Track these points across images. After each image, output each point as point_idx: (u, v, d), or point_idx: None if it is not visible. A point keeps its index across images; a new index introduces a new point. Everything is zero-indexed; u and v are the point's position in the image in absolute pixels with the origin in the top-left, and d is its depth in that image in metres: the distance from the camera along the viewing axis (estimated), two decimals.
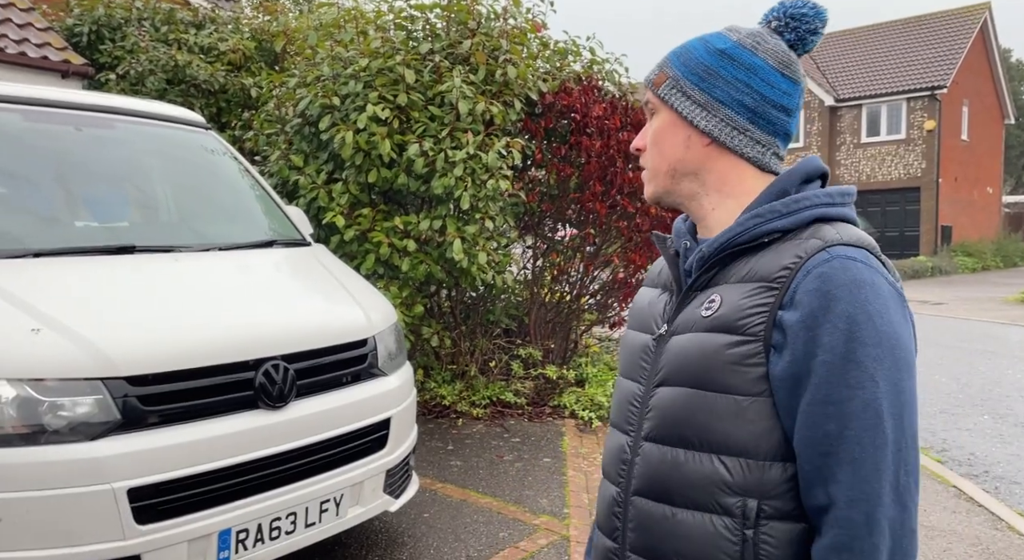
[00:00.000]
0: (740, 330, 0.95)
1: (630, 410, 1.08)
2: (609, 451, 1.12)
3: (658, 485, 1.01)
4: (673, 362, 1.03)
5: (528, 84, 5.24)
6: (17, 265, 2.52)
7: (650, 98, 1.11)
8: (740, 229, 1.01)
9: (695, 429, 0.98)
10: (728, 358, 0.95)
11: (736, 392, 0.95)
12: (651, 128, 1.11)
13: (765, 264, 0.98)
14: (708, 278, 1.05)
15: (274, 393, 2.55)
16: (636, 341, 1.14)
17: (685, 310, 1.06)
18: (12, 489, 2.10)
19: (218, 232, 3.35)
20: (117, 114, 3.44)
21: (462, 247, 4.61)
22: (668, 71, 1.09)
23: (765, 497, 0.94)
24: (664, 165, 1.09)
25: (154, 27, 7.84)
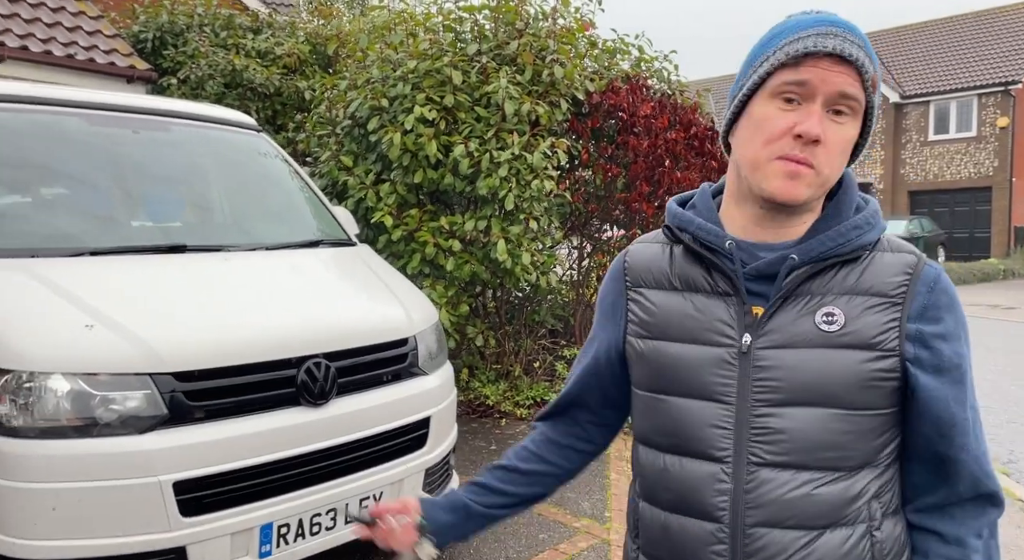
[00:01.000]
0: (877, 346, 0.96)
1: (719, 434, 0.98)
2: (684, 482, 1.01)
3: (791, 512, 0.96)
4: (793, 380, 0.96)
5: (575, 84, 5.21)
6: (75, 263, 2.62)
7: (856, 95, 0.94)
8: (842, 240, 1.00)
9: (838, 450, 0.96)
10: (869, 375, 0.95)
11: (872, 408, 0.97)
12: (843, 133, 0.96)
13: (876, 278, 0.99)
14: (794, 286, 0.99)
15: (315, 391, 2.60)
16: (692, 355, 1.01)
17: (778, 319, 0.98)
18: (66, 479, 2.18)
19: (266, 232, 3.43)
20: (173, 117, 3.56)
21: (506, 247, 4.61)
22: (878, 75, 0.96)
23: (880, 497, 1.00)
24: (834, 178, 0.98)
25: (214, 32, 8.10)
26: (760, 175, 0.98)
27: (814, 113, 0.94)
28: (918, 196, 24.02)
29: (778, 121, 0.95)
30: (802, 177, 0.95)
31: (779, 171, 0.95)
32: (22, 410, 2.20)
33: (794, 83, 0.94)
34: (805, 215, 1.02)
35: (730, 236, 1.04)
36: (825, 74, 0.93)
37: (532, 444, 1.25)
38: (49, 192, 3.03)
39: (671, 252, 1.09)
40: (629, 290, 1.12)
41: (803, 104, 0.95)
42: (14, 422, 2.19)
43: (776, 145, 0.95)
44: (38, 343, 2.25)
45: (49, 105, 3.17)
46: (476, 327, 5.11)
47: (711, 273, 1.04)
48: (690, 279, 1.06)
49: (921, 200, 23.97)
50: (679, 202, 1.12)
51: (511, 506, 1.23)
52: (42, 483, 2.16)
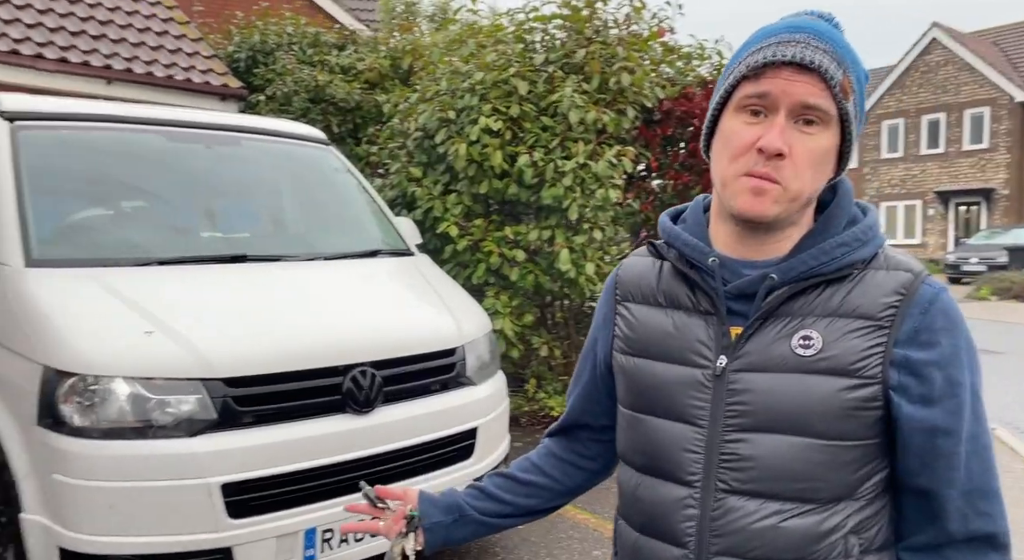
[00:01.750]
0: (856, 373, 0.89)
1: (689, 458, 0.94)
2: (654, 504, 0.98)
3: (756, 542, 0.91)
4: (764, 405, 0.91)
5: (644, 91, 5.11)
6: (141, 272, 2.78)
7: (824, 106, 0.88)
8: (825, 258, 0.93)
9: (810, 481, 0.90)
10: (846, 404, 0.89)
11: (851, 438, 0.90)
12: (812, 144, 0.89)
13: (861, 299, 0.91)
14: (774, 306, 0.93)
15: (361, 398, 2.64)
16: (670, 374, 0.98)
17: (755, 342, 0.93)
18: (123, 478, 2.30)
19: (326, 242, 3.52)
20: (244, 132, 3.72)
21: (570, 257, 4.56)
22: (852, 81, 0.89)
23: (860, 533, 0.92)
24: (809, 192, 0.91)
25: (302, 50, 8.46)
26: (728, 192, 0.93)
27: (775, 126, 0.89)
28: None
29: (743, 135, 0.91)
30: (767, 193, 0.90)
31: (744, 187, 0.91)
32: (87, 411, 2.34)
33: (755, 96, 0.90)
34: (788, 230, 0.95)
35: (715, 252, 0.98)
36: (785, 85, 0.88)
37: (535, 456, 1.25)
38: (127, 205, 3.23)
39: (660, 267, 1.05)
40: (618, 303, 1.09)
41: (768, 116, 0.90)
42: (78, 422, 2.33)
43: (741, 161, 0.91)
44: (101, 348, 2.39)
45: (132, 123, 3.38)
46: (541, 337, 5.07)
47: (694, 291, 1.00)
48: (674, 296, 1.02)
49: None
50: (672, 215, 1.08)
51: (506, 516, 1.21)
52: (102, 481, 2.29)
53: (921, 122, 24.90)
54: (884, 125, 25.88)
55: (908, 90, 25.23)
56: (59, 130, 3.17)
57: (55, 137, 3.14)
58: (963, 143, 23.87)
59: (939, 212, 24.55)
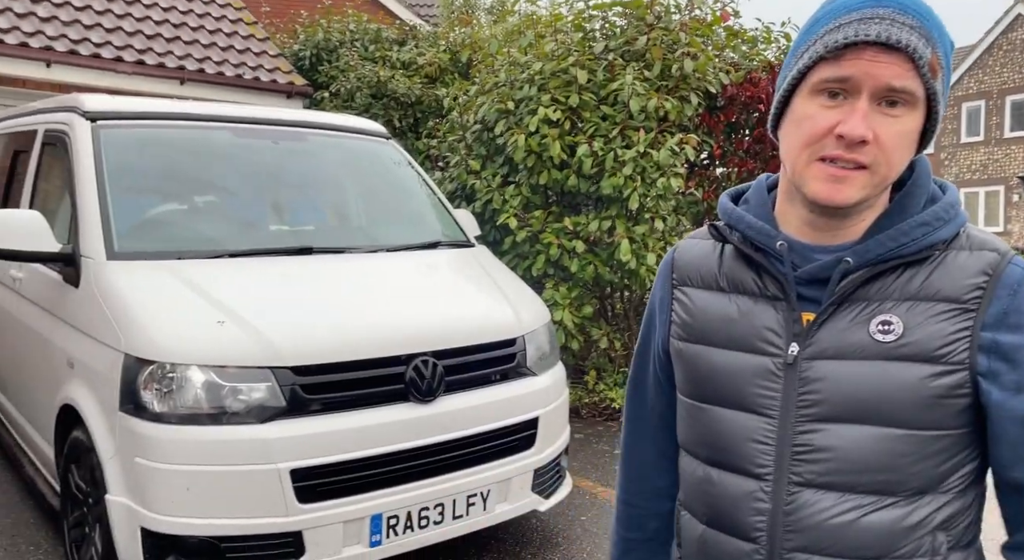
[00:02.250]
0: (941, 359, 0.85)
1: (759, 449, 0.91)
2: (721, 497, 0.94)
3: (833, 538, 0.87)
4: (843, 394, 0.87)
5: (707, 77, 4.99)
6: (214, 264, 2.88)
7: (912, 87, 0.82)
8: (904, 239, 0.88)
9: (892, 473, 0.86)
10: (933, 392, 0.84)
11: (937, 427, 0.85)
12: (899, 126, 0.84)
13: (944, 281, 0.86)
14: (849, 291, 0.88)
15: (423, 387, 2.67)
16: (735, 363, 0.94)
17: (829, 328, 0.89)
18: (200, 462, 2.40)
19: (388, 234, 3.58)
20: (309, 128, 3.81)
21: (630, 248, 4.51)
22: (940, 58, 0.83)
23: (948, 529, 0.88)
24: (891, 177, 0.86)
25: (363, 47, 8.60)
26: (800, 178, 0.88)
27: (858, 111, 0.83)
28: None
29: (819, 120, 0.85)
30: (848, 180, 0.85)
31: (820, 174, 0.86)
32: (165, 398, 2.44)
33: (835, 80, 0.84)
34: (864, 213, 0.91)
35: (783, 235, 0.94)
36: (869, 67, 0.81)
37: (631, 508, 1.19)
38: (200, 200, 3.35)
39: (722, 250, 1.01)
40: (675, 288, 1.05)
41: (848, 99, 0.84)
42: (158, 408, 2.43)
43: (817, 146, 0.86)
44: (178, 337, 2.49)
45: (203, 120, 3.51)
46: (601, 329, 5.04)
47: (760, 275, 0.95)
48: (738, 280, 0.97)
49: None
50: (732, 196, 1.03)
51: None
52: (180, 465, 2.39)
53: (1005, 103, 23.58)
54: (964, 108, 24.62)
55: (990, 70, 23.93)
56: (136, 128, 3.31)
57: (133, 135, 3.29)
58: None
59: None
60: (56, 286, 3.02)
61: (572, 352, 5.07)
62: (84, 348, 2.74)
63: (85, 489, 2.73)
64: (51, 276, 3.08)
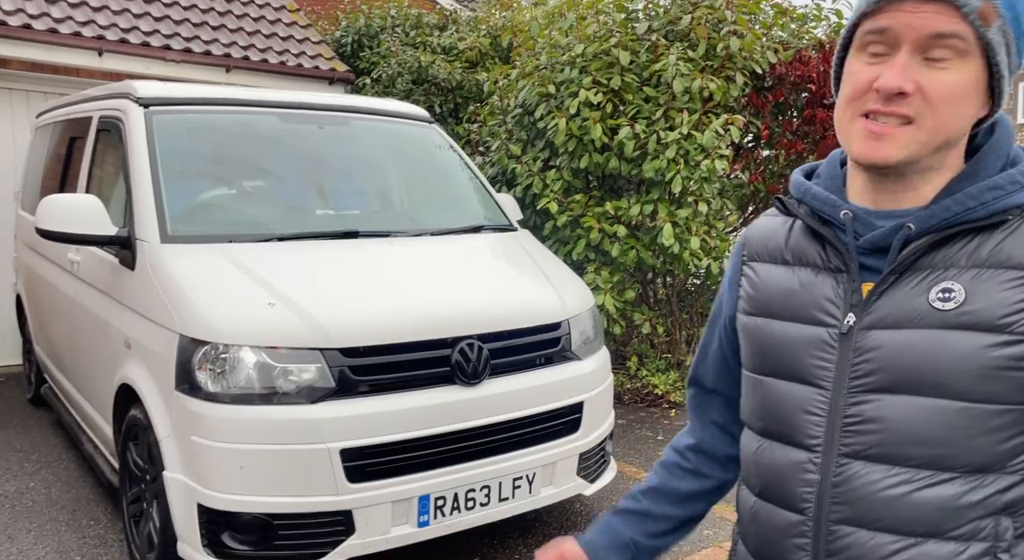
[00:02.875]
0: (1006, 328, 0.80)
1: (811, 420, 0.90)
2: (772, 468, 0.94)
3: (882, 513, 0.85)
4: (897, 364, 0.84)
5: (754, 56, 4.88)
6: (264, 248, 2.93)
7: (963, 33, 0.80)
8: (973, 203, 0.84)
9: (945, 447, 0.82)
10: (994, 362, 0.80)
11: (998, 401, 0.81)
12: (943, 76, 0.81)
13: (1016, 248, 0.82)
14: (911, 259, 0.86)
15: (468, 370, 2.69)
16: (793, 334, 0.93)
17: (889, 298, 0.86)
18: (253, 442, 2.45)
19: (432, 218, 3.60)
20: (353, 112, 3.83)
21: (673, 232, 4.45)
22: (998, 6, 0.80)
23: (1015, 515, 0.82)
24: (947, 132, 0.83)
25: (404, 32, 8.62)
26: (844, 136, 0.87)
27: (896, 64, 0.81)
28: None
29: (861, 76, 0.84)
30: (890, 136, 0.83)
31: (860, 131, 0.85)
32: (219, 378, 2.50)
33: (875, 32, 0.83)
34: (929, 175, 0.87)
35: (848, 205, 0.91)
36: (909, 18, 0.80)
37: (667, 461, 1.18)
38: (249, 184, 3.41)
39: (791, 226, 1.00)
40: (744, 264, 1.04)
41: (890, 54, 0.83)
42: (212, 388, 2.49)
43: (858, 102, 0.85)
44: (231, 318, 2.54)
45: (250, 106, 3.56)
46: (643, 314, 5.00)
47: (825, 248, 0.94)
48: (803, 253, 0.96)
49: None
50: (805, 172, 1.02)
51: (676, 530, 1.16)
52: (233, 443, 2.45)
53: None
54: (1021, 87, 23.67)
55: None
56: (187, 114, 3.38)
57: (183, 121, 3.35)
58: None
59: None
60: (113, 269, 3.11)
61: (614, 337, 5.04)
62: (140, 329, 2.81)
63: (143, 466, 2.82)
64: (108, 259, 3.17)
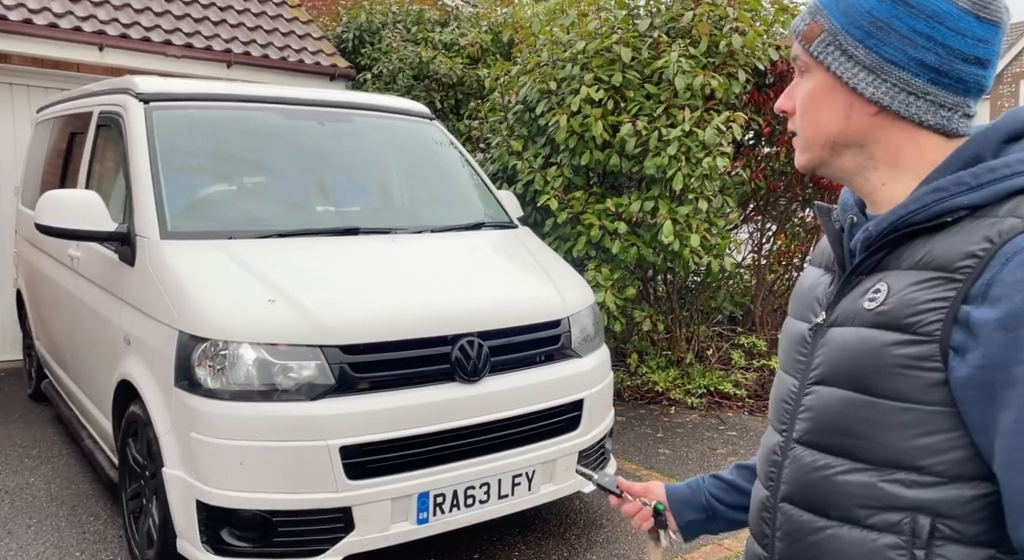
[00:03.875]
0: (909, 328, 0.81)
1: (784, 408, 0.98)
2: (762, 450, 1.05)
3: (810, 493, 0.92)
4: (832, 358, 0.90)
5: (756, 53, 4.87)
6: (264, 244, 2.92)
7: (799, 54, 0.95)
8: (916, 206, 0.85)
9: (856, 439, 0.86)
10: (894, 360, 0.82)
11: (905, 399, 0.82)
12: (801, 90, 0.95)
13: (944, 249, 0.82)
14: (875, 261, 0.90)
15: (468, 368, 2.68)
16: (794, 330, 1.02)
17: (847, 297, 0.92)
18: (252, 438, 2.45)
19: (433, 215, 3.59)
20: (354, 109, 3.82)
21: (673, 229, 4.44)
22: (823, 22, 0.91)
23: (941, 516, 0.81)
24: (819, 137, 0.93)
25: (406, 28, 8.60)
26: None
27: (789, 88, 0.99)
28: None
29: None
30: (797, 149, 0.98)
31: None
32: (218, 374, 2.50)
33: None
34: (870, 177, 0.94)
35: (857, 211, 0.98)
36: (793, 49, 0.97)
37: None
38: (249, 180, 3.40)
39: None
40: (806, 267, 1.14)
41: None
42: (211, 384, 2.49)
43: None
44: (231, 315, 2.54)
45: (251, 102, 3.55)
46: (644, 311, 4.99)
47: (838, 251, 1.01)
48: (828, 256, 1.04)
49: None
50: None
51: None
52: (233, 440, 2.44)
53: None
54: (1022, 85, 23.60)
55: None
56: (187, 110, 3.37)
57: (184, 116, 3.34)
58: None
59: None
60: (112, 265, 3.11)
61: (614, 334, 5.04)
62: (140, 325, 2.81)
63: (142, 462, 2.82)
64: (107, 255, 3.17)
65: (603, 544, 3.20)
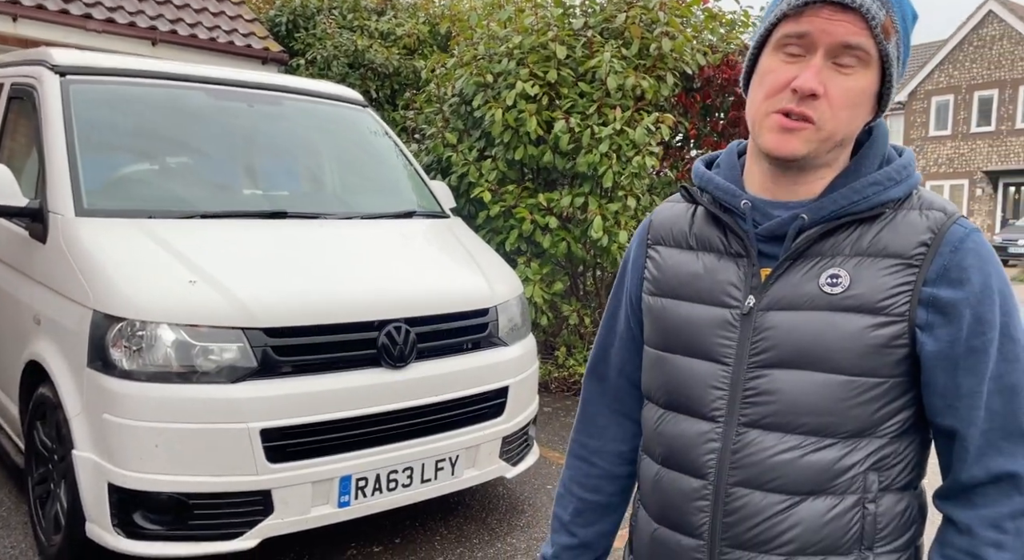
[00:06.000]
0: (883, 311, 0.90)
1: (712, 394, 0.97)
2: (677, 439, 1.01)
3: (772, 474, 0.93)
4: (788, 342, 0.92)
5: (685, 57, 5.03)
6: (186, 225, 2.86)
7: (867, 45, 0.88)
8: (856, 197, 0.93)
9: (830, 416, 0.91)
10: (873, 341, 0.89)
11: (875, 375, 0.91)
12: (852, 83, 0.89)
13: (894, 238, 0.92)
14: (803, 247, 0.94)
15: (395, 353, 2.70)
16: (699, 315, 0.99)
17: (784, 282, 0.94)
18: (168, 420, 2.40)
19: (363, 202, 3.58)
20: (285, 92, 3.77)
21: (603, 225, 4.56)
22: (897, 24, 0.89)
23: (882, 470, 0.93)
24: (841, 132, 0.91)
25: (341, 15, 8.47)
26: (758, 129, 0.94)
27: (812, 66, 0.89)
28: None
29: (779, 75, 0.91)
30: (797, 132, 0.90)
31: (774, 125, 0.92)
32: (134, 355, 2.43)
33: (795, 35, 0.90)
34: (821, 170, 0.95)
35: (747, 195, 0.98)
36: (826, 24, 0.88)
37: (574, 467, 1.21)
38: (172, 160, 3.31)
39: (693, 213, 1.06)
40: (649, 247, 1.10)
41: (805, 56, 0.90)
42: (127, 365, 2.43)
43: (775, 99, 0.92)
44: (149, 295, 2.48)
45: (176, 80, 3.45)
46: (571, 306, 5.10)
47: (726, 234, 1.00)
48: (706, 239, 1.03)
49: None
50: (706, 162, 1.09)
51: (616, 518, 1.22)
52: (148, 422, 2.39)
53: (973, 99, 24.05)
54: (933, 101, 25.05)
55: (960, 65, 24.34)
56: (107, 85, 3.25)
57: (104, 92, 3.22)
58: (1016, 121, 23.02)
59: (987, 192, 23.82)
60: (22, 242, 2.98)
61: (542, 328, 5.12)
62: (51, 304, 2.71)
63: (50, 446, 2.72)
64: (17, 232, 3.03)
65: (524, 528, 3.27)
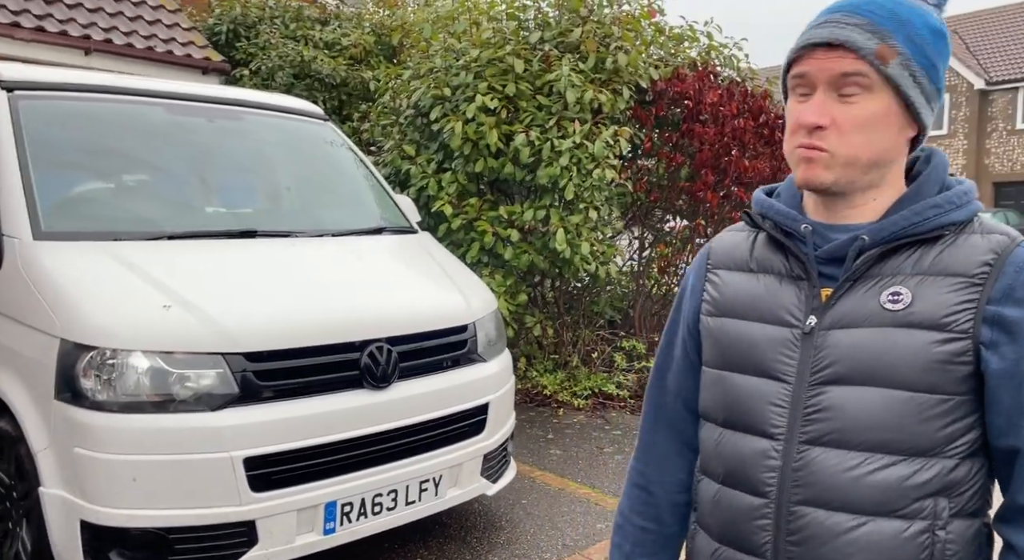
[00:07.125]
0: (946, 327, 0.92)
1: (771, 411, 0.99)
2: (736, 457, 1.02)
3: (838, 494, 0.94)
4: (850, 359, 0.95)
5: (639, 71, 5.14)
6: (153, 247, 2.75)
7: (865, 70, 0.93)
8: (916, 219, 0.96)
9: (890, 431, 0.92)
10: (935, 356, 0.92)
11: (939, 392, 0.92)
12: (859, 110, 0.94)
13: (956, 258, 0.95)
14: (864, 268, 0.97)
15: (378, 374, 2.66)
16: (759, 334, 1.02)
17: (845, 302, 0.97)
18: (145, 452, 2.30)
19: (332, 219, 3.51)
20: (245, 107, 3.67)
21: (565, 237, 4.60)
22: (896, 46, 0.94)
23: (951, 495, 0.93)
24: (866, 156, 0.95)
25: (284, 24, 8.30)
26: (792, 165, 1.01)
27: (814, 103, 0.96)
28: (1004, 188, 22.81)
29: (794, 114, 0.99)
30: (816, 160, 0.97)
31: (798, 158, 0.99)
32: (106, 385, 2.32)
33: (797, 77, 0.98)
34: (870, 193, 0.99)
35: (808, 220, 1.03)
36: (821, 63, 0.95)
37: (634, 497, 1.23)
38: (131, 178, 3.18)
39: (755, 239, 1.11)
40: (709, 272, 1.14)
41: (811, 94, 0.98)
42: (99, 396, 2.31)
43: (794, 137, 0.99)
44: (120, 322, 2.37)
45: (132, 95, 3.32)
46: (534, 317, 5.13)
47: (788, 258, 1.04)
48: (767, 263, 1.07)
49: (1007, 192, 22.76)
50: (766, 191, 1.14)
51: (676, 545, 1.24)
52: (124, 455, 2.28)
53: None
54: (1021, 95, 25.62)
55: None
56: (58, 101, 3.10)
57: (55, 108, 3.07)
58: None
59: None
60: None
61: (508, 340, 5.13)
62: (9, 333, 2.56)
63: (8, 482, 2.57)
64: None
65: (504, 545, 3.26)
